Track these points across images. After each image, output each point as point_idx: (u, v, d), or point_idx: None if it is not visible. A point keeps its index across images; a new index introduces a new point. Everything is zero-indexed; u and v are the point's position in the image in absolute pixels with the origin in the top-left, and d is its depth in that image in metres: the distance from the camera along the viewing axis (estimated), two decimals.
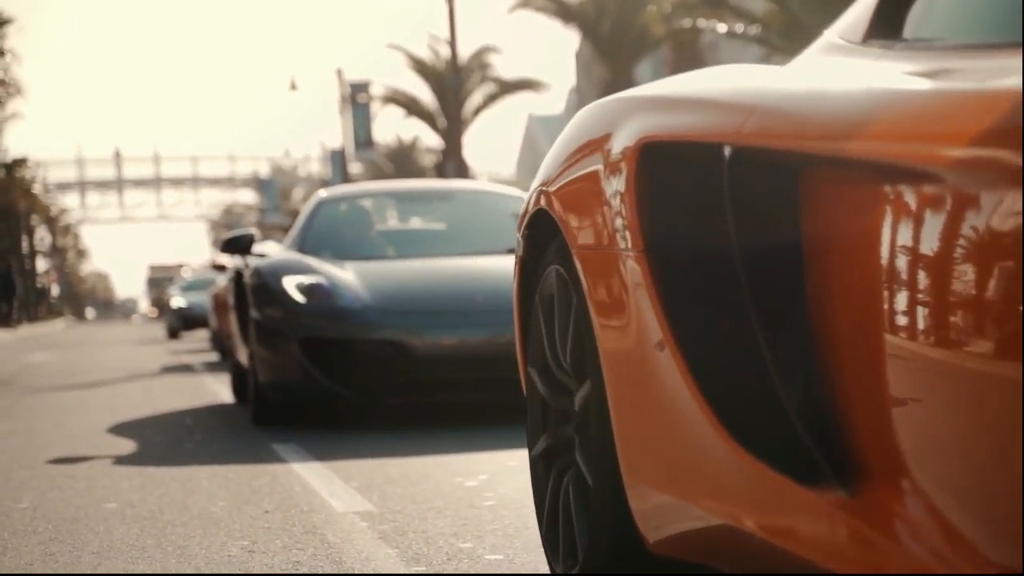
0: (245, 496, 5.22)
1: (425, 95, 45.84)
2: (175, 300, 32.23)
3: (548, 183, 3.00)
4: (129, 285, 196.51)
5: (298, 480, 5.63)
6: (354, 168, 54.80)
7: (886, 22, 2.37)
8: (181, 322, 31.13)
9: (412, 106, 45.93)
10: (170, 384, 13.20)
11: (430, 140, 57.27)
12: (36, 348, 27.50)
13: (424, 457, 6.21)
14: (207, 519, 4.70)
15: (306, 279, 7.99)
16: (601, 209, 2.62)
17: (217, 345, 18.60)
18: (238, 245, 9.20)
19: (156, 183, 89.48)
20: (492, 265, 8.22)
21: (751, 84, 2.35)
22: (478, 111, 44.21)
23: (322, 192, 9.95)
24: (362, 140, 48.15)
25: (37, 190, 62.15)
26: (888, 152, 1.86)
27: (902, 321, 1.82)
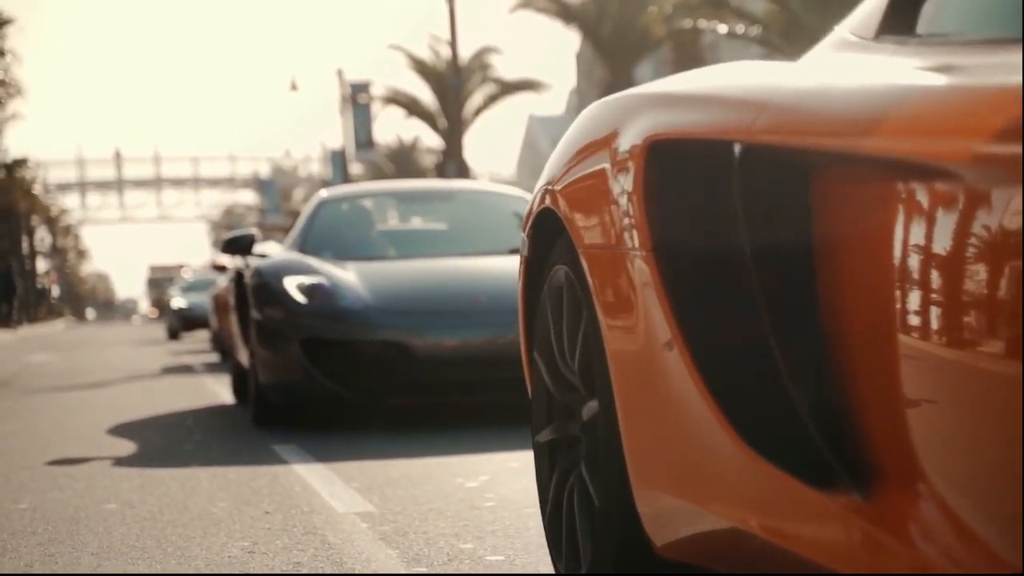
0: (245, 497, 5.20)
1: (426, 95, 45.90)
2: (175, 301, 32.21)
3: (553, 182, 2.97)
4: (129, 286, 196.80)
5: (299, 481, 5.61)
6: (355, 169, 54.85)
7: (899, 18, 2.34)
8: (181, 323, 31.12)
9: (413, 106, 45.96)
10: (170, 385, 13.19)
11: (431, 141, 57.37)
12: (36, 349, 27.50)
13: (425, 458, 6.19)
14: (207, 520, 4.68)
15: (307, 279, 7.97)
16: (608, 208, 2.59)
17: (217, 346, 18.59)
18: (239, 245, 9.17)
19: (156, 184, 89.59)
20: (494, 265, 8.21)
21: (762, 80, 2.32)
22: (479, 111, 44.24)
23: (323, 192, 9.92)
24: (363, 140, 48.17)
25: (37, 191, 62.18)
26: (904, 149, 1.83)
27: (916, 321, 1.79)
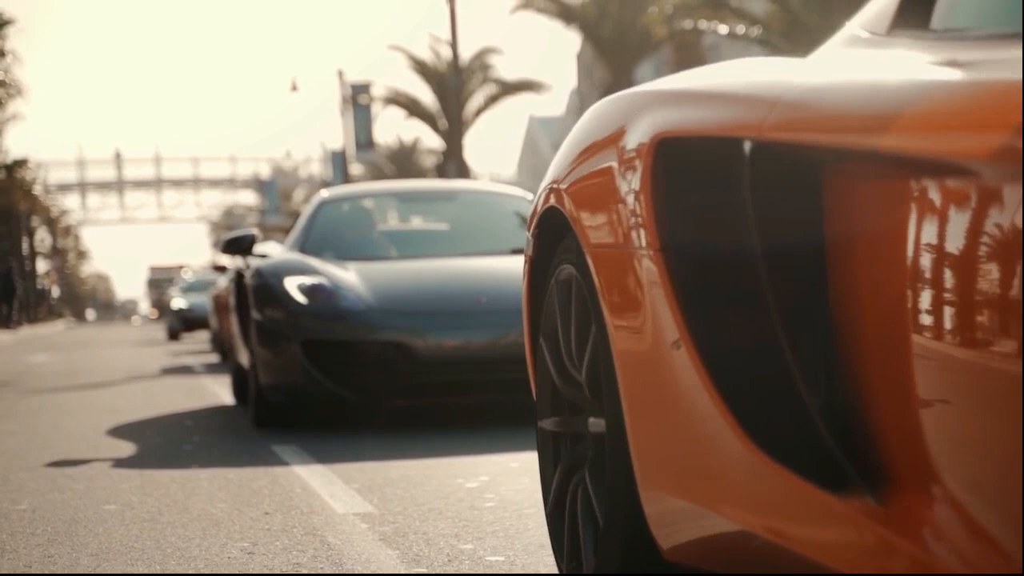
0: (245, 498, 5.20)
1: (426, 96, 45.90)
2: (175, 301, 32.20)
3: (559, 180, 2.94)
4: (129, 286, 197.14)
5: (298, 482, 5.61)
6: (355, 169, 54.85)
7: (913, 13, 2.31)
8: (181, 323, 31.11)
9: (413, 107, 45.96)
10: (170, 385, 13.18)
11: (431, 141, 57.35)
12: (36, 349, 27.51)
13: (425, 459, 6.19)
14: (207, 521, 4.68)
15: (308, 280, 7.94)
16: (615, 207, 2.56)
17: (218, 346, 18.58)
18: (239, 246, 9.13)
19: (157, 184, 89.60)
20: (496, 266, 8.18)
21: (772, 77, 2.28)
22: (479, 112, 44.24)
23: (324, 192, 9.89)
24: (363, 141, 48.14)
25: (38, 191, 62.15)
26: (919, 146, 1.79)
27: (930, 321, 1.77)
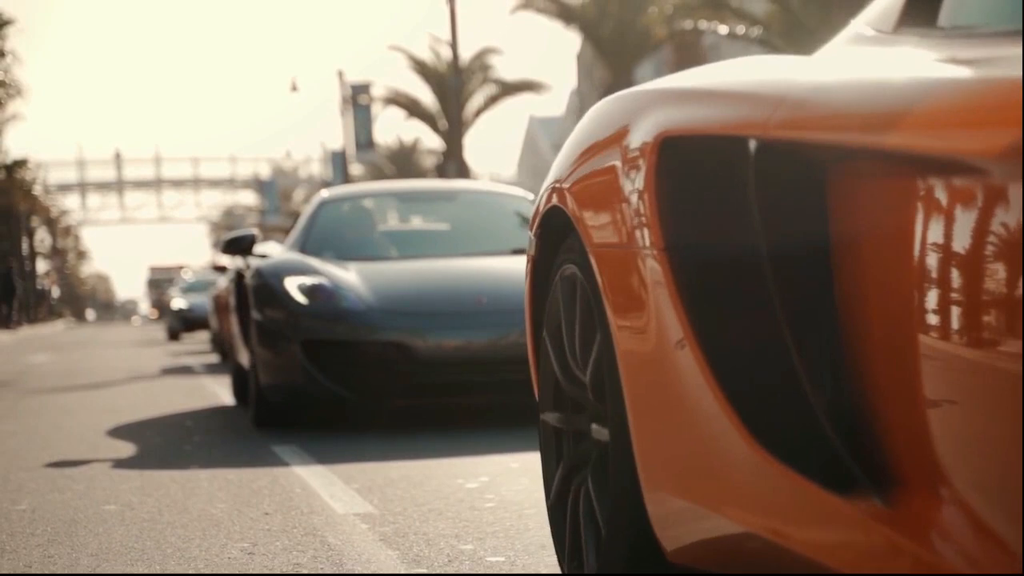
0: (245, 498, 5.19)
1: (426, 96, 45.89)
2: (175, 301, 32.17)
3: (562, 180, 2.92)
4: (129, 287, 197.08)
5: (298, 482, 5.60)
6: (355, 169, 54.84)
7: (919, 11, 2.29)
8: (181, 323, 31.08)
9: (413, 107, 45.95)
10: (170, 386, 13.18)
11: (431, 141, 57.32)
12: (36, 349, 27.50)
13: (425, 459, 6.18)
14: (207, 521, 4.67)
15: (308, 280, 7.93)
16: (619, 206, 2.54)
17: (218, 347, 18.58)
18: (239, 246, 9.11)
19: (157, 184, 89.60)
20: (497, 266, 8.17)
21: (778, 75, 2.26)
22: (479, 112, 44.22)
23: (324, 192, 9.87)
24: (363, 141, 48.12)
25: (38, 191, 62.12)
26: (927, 144, 1.77)
27: (938, 321, 1.75)
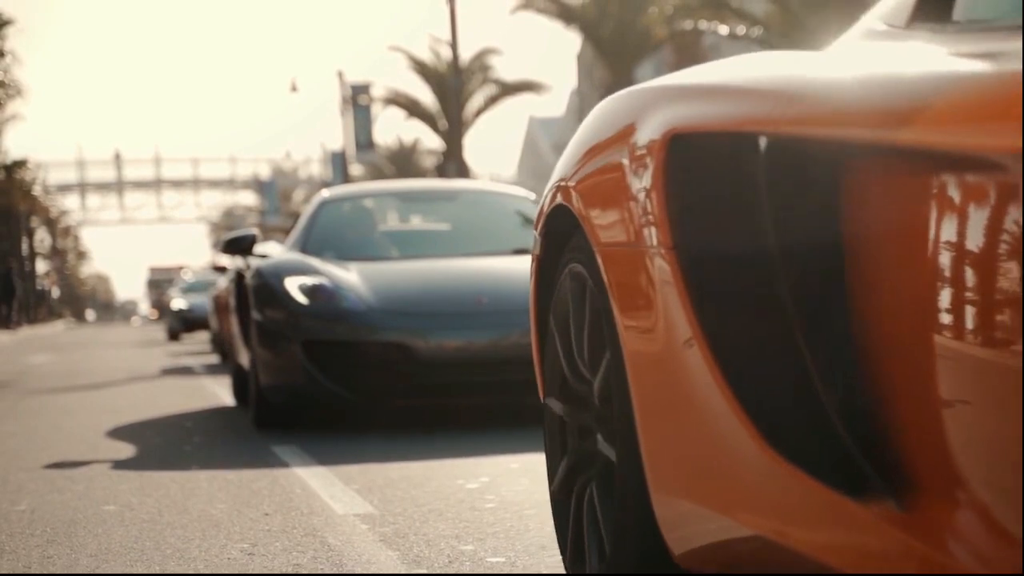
0: (245, 498, 5.18)
1: (426, 97, 45.89)
2: (175, 302, 32.17)
3: (567, 178, 2.89)
4: (129, 287, 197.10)
5: (298, 482, 5.59)
6: (355, 170, 54.84)
7: (934, 5, 2.26)
8: (181, 324, 31.07)
9: (413, 108, 45.95)
10: (170, 386, 13.16)
11: (431, 142, 57.31)
12: (36, 350, 27.50)
13: (425, 460, 6.17)
14: (207, 521, 4.66)
15: (308, 280, 7.91)
16: (626, 204, 2.51)
17: (218, 347, 18.56)
18: (239, 246, 9.09)
19: (156, 185, 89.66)
20: (498, 266, 8.15)
21: (788, 71, 2.23)
22: (479, 113, 44.23)
23: (325, 192, 9.83)
24: (363, 142, 48.12)
25: (37, 192, 62.14)
26: (944, 140, 1.74)
27: (953, 320, 1.72)
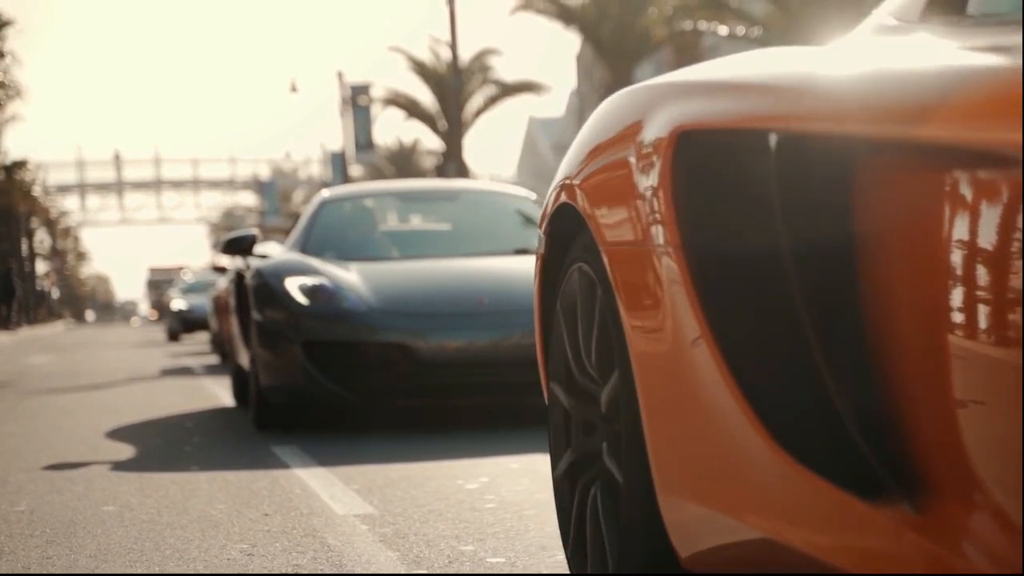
0: (245, 499, 5.18)
1: (426, 97, 45.89)
2: (175, 302, 32.16)
3: (572, 177, 2.86)
4: (129, 287, 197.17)
5: (298, 483, 5.59)
6: (355, 170, 54.82)
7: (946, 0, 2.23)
8: (181, 324, 31.06)
9: (413, 108, 45.95)
10: (170, 387, 13.16)
11: (431, 142, 57.26)
12: (36, 350, 27.49)
13: (425, 460, 6.17)
14: (206, 522, 4.66)
15: (309, 280, 7.89)
16: (633, 203, 2.48)
17: (218, 348, 18.56)
18: (239, 246, 9.07)
19: (156, 185, 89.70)
20: (499, 266, 8.14)
21: (799, 66, 2.19)
22: (479, 113, 44.23)
23: (325, 192, 9.81)
24: (363, 142, 48.12)
25: (37, 192, 62.16)
26: (961, 135, 1.69)
27: (969, 320, 1.68)
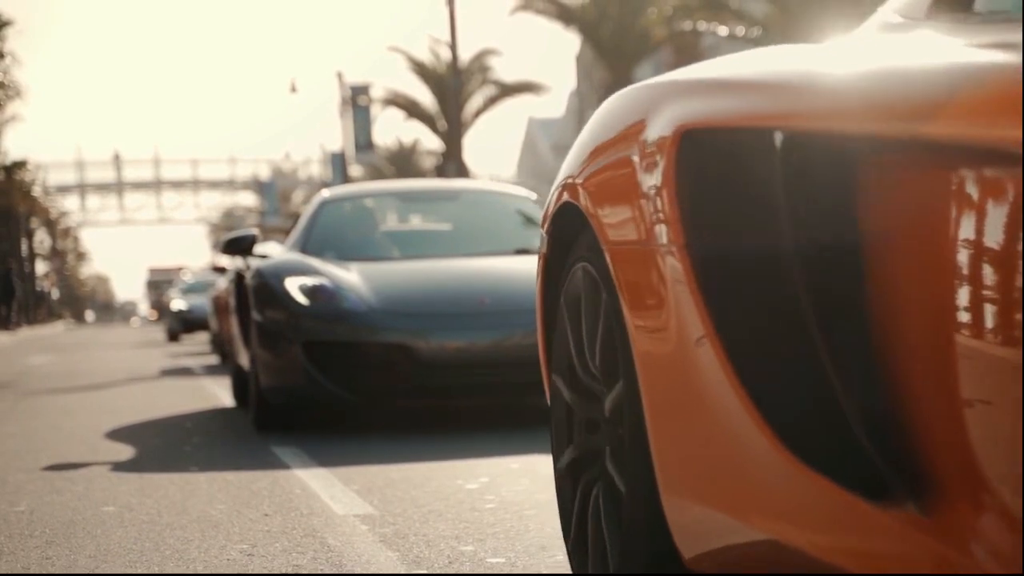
0: (244, 499, 5.17)
1: (425, 97, 45.89)
2: (175, 303, 32.16)
3: (574, 176, 2.84)
4: (129, 288, 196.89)
5: (298, 483, 5.58)
6: (355, 171, 54.82)
7: None
8: (181, 325, 31.06)
9: (412, 108, 45.96)
10: (170, 387, 13.15)
11: (430, 143, 57.26)
12: (35, 351, 27.49)
13: (425, 460, 6.17)
14: (206, 522, 4.65)
15: (309, 280, 7.88)
16: (636, 202, 2.46)
17: (217, 348, 18.55)
18: (239, 246, 9.05)
19: (156, 186, 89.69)
20: (499, 266, 8.13)
21: (804, 64, 2.18)
22: (478, 113, 44.23)
23: (325, 192, 9.79)
24: (362, 143, 48.12)
25: (37, 193, 62.16)
26: (969, 133, 1.67)
27: (976, 320, 1.67)
